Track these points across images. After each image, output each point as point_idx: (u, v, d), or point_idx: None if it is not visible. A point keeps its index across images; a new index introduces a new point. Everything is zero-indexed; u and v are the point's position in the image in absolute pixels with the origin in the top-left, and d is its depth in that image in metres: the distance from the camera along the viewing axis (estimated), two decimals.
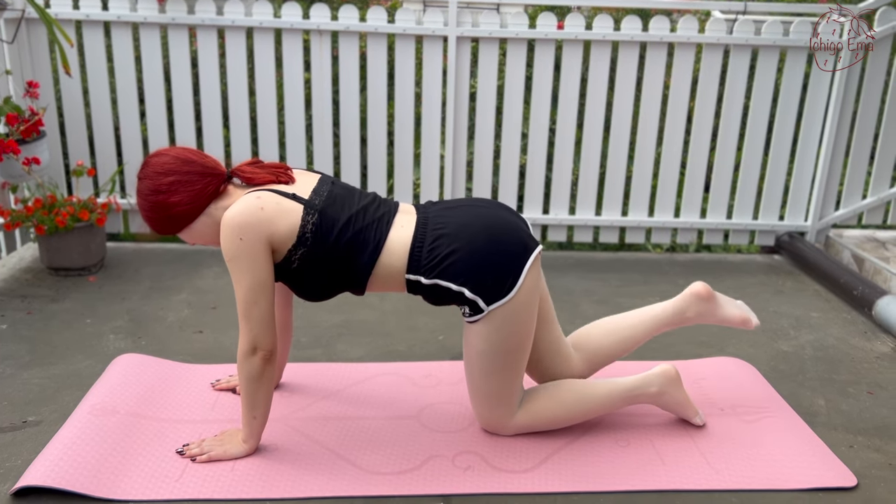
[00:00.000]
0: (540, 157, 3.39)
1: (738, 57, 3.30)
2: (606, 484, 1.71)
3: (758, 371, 2.29)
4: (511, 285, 1.69)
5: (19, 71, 3.13)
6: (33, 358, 2.27)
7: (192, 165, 1.71)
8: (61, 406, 1.99)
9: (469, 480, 1.71)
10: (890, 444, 1.93)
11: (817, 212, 3.49)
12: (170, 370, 2.17)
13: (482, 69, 3.26)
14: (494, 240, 1.70)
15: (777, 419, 1.99)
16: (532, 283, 1.72)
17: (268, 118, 3.31)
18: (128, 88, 3.24)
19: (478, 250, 1.69)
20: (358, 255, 1.71)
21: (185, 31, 3.19)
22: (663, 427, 1.94)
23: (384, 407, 2.02)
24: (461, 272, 1.68)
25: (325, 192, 1.74)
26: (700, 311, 1.97)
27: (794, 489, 1.71)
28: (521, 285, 1.70)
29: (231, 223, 1.63)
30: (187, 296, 2.80)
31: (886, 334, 2.63)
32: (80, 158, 3.28)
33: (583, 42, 3.25)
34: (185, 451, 1.76)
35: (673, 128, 3.38)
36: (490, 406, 1.82)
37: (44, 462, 1.66)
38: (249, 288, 1.64)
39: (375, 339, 2.47)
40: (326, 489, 1.66)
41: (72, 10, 3.12)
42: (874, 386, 2.25)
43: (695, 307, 1.97)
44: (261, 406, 1.72)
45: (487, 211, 1.78)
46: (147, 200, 1.71)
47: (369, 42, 3.23)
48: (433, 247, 1.71)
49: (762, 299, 2.95)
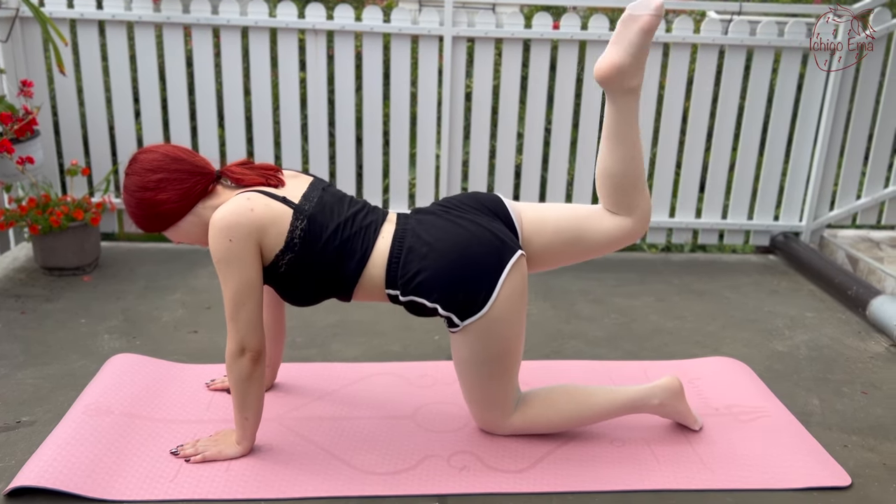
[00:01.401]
0: (535, 157, 3.39)
1: (733, 57, 3.30)
2: (602, 483, 1.71)
3: (753, 371, 2.30)
4: (485, 299, 1.65)
5: (13, 70, 3.12)
6: (27, 358, 2.26)
7: (181, 163, 1.69)
8: (55, 406, 1.99)
9: (464, 480, 1.70)
10: (884, 443, 1.94)
11: (812, 212, 3.50)
12: (164, 370, 2.16)
13: (478, 69, 3.26)
14: (466, 254, 1.66)
15: (772, 419, 2.00)
16: (513, 291, 1.67)
17: (263, 118, 3.30)
18: (122, 88, 3.23)
19: (448, 266, 1.65)
20: (345, 264, 1.69)
21: (180, 31, 3.18)
22: (659, 427, 1.94)
23: (379, 407, 2.02)
24: (433, 288, 1.66)
25: (315, 198, 1.72)
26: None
27: (788, 489, 1.71)
28: (497, 297, 1.66)
29: (220, 224, 1.61)
30: (182, 295, 2.79)
31: (880, 334, 2.64)
32: (75, 158, 3.27)
33: (578, 42, 3.26)
34: (179, 451, 1.76)
35: (668, 128, 3.38)
36: (482, 408, 1.82)
37: (38, 462, 1.66)
38: (237, 289, 1.62)
39: (370, 340, 2.47)
40: (321, 489, 1.66)
41: (66, 9, 3.11)
42: (868, 386, 2.26)
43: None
44: (252, 407, 1.71)
45: (464, 221, 1.72)
46: (134, 197, 1.69)
47: (365, 42, 3.23)
48: (406, 261, 1.68)
49: (757, 299, 2.95)
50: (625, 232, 1.79)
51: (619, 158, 1.74)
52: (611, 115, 1.73)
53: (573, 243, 1.80)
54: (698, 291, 3.03)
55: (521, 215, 1.81)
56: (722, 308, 2.85)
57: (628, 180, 1.75)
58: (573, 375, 2.23)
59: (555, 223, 1.79)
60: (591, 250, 1.81)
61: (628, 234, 1.80)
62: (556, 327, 2.62)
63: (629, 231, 1.80)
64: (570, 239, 1.79)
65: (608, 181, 1.77)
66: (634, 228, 1.80)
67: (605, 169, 1.77)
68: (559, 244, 1.79)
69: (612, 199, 1.78)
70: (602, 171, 1.78)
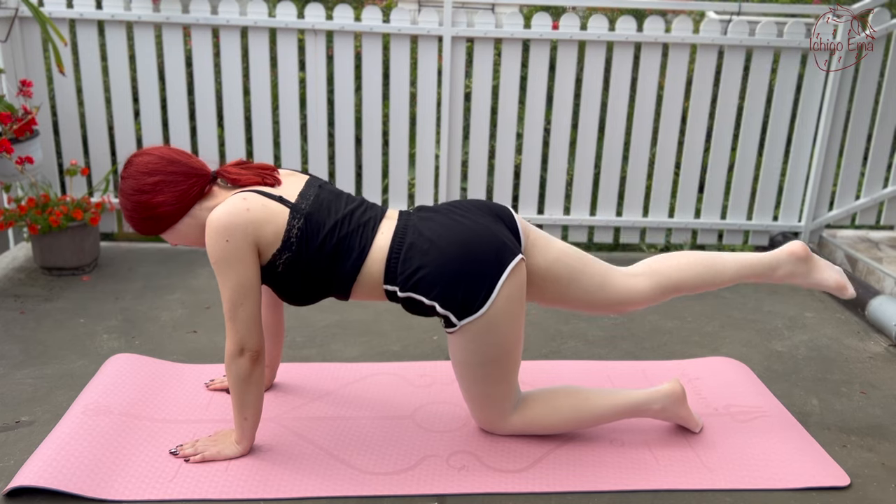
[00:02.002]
0: (535, 157, 3.39)
1: (732, 57, 3.31)
2: (601, 483, 1.71)
3: (752, 371, 2.30)
4: (484, 299, 1.65)
5: (13, 70, 3.12)
6: (26, 358, 2.26)
7: (177, 165, 1.69)
8: (54, 406, 1.99)
9: (463, 480, 1.71)
10: (882, 443, 1.94)
11: (811, 212, 3.50)
12: (163, 370, 2.16)
13: (477, 69, 3.26)
14: (467, 252, 1.65)
15: (771, 419, 2.00)
16: (512, 292, 1.67)
17: (262, 118, 3.30)
18: (122, 87, 3.23)
19: (449, 263, 1.64)
20: (342, 262, 1.69)
21: (180, 31, 3.18)
22: (658, 427, 1.95)
23: (379, 407, 2.02)
24: (433, 286, 1.65)
25: (311, 196, 1.72)
26: (792, 271, 1.88)
27: (787, 488, 1.71)
28: (496, 298, 1.65)
29: (217, 225, 1.61)
30: (181, 295, 2.79)
31: (879, 334, 2.64)
32: (74, 158, 3.27)
33: (577, 42, 3.26)
34: (178, 451, 1.76)
35: (667, 128, 3.38)
36: (480, 408, 1.82)
37: (37, 462, 1.66)
38: (235, 289, 1.62)
39: (370, 339, 2.47)
40: (321, 489, 1.66)
41: (65, 9, 3.11)
42: (867, 386, 2.26)
43: (788, 266, 1.88)
44: (251, 407, 1.71)
45: (467, 220, 1.72)
46: (130, 200, 1.68)
47: (364, 42, 3.23)
48: (406, 258, 1.67)
49: (756, 299, 2.95)
50: (631, 295, 1.83)
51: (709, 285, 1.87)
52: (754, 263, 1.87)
53: (572, 277, 1.80)
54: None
55: (529, 232, 1.82)
56: (721, 308, 2.85)
57: (691, 291, 1.88)
58: (572, 375, 2.23)
59: (562, 250, 1.82)
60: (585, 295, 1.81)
61: (634, 299, 1.83)
62: (555, 327, 2.62)
63: (637, 296, 1.83)
64: (571, 270, 1.80)
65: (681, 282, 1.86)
66: (642, 297, 1.84)
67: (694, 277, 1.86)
68: (559, 270, 1.79)
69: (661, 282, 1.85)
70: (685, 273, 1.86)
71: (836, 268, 1.92)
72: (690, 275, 1.86)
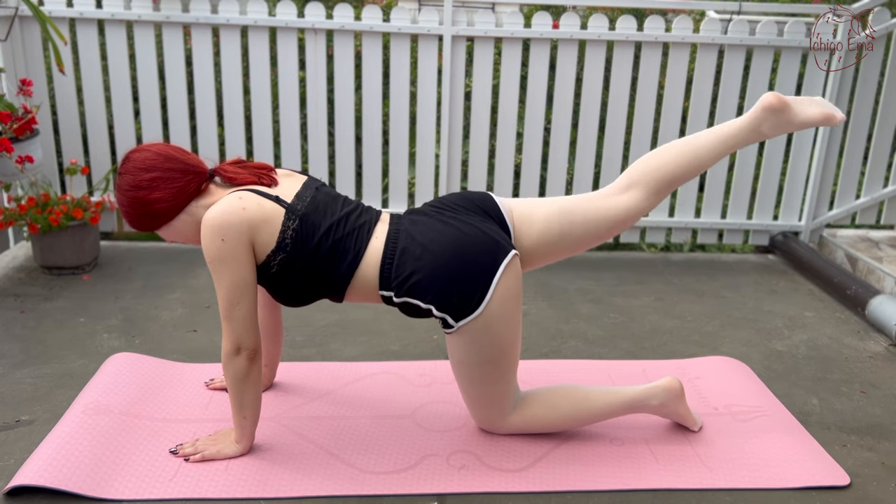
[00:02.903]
0: (535, 156, 3.39)
1: (732, 57, 3.31)
2: (601, 483, 1.71)
3: (751, 370, 2.30)
4: (480, 300, 1.65)
5: (13, 69, 3.11)
6: (26, 357, 2.26)
7: (174, 162, 1.69)
8: (54, 405, 1.99)
9: (463, 480, 1.71)
10: (882, 442, 1.94)
11: (811, 211, 3.50)
12: (163, 369, 2.16)
13: (477, 68, 3.26)
14: (460, 255, 1.65)
15: (771, 418, 2.00)
16: (507, 291, 1.67)
17: (262, 117, 3.30)
18: (122, 87, 3.23)
19: (442, 267, 1.64)
20: (337, 264, 1.69)
21: (180, 30, 3.18)
22: (658, 426, 1.95)
23: (378, 406, 2.02)
24: (427, 289, 1.65)
25: (308, 198, 1.72)
26: (775, 123, 1.80)
27: (787, 488, 1.71)
28: (492, 298, 1.65)
29: (212, 223, 1.60)
30: (181, 295, 2.79)
31: (879, 334, 2.64)
32: (74, 157, 3.27)
33: (578, 41, 3.26)
34: (178, 450, 1.76)
35: (667, 127, 3.38)
36: (479, 408, 1.82)
37: (37, 461, 1.66)
38: (230, 289, 1.62)
39: (370, 339, 2.47)
40: (321, 488, 1.66)
41: (65, 8, 3.10)
42: (867, 385, 2.26)
43: (770, 121, 1.80)
44: (250, 406, 1.71)
45: (456, 222, 1.71)
46: (126, 196, 1.68)
47: (364, 41, 3.23)
48: (400, 263, 1.67)
49: (756, 299, 2.95)
50: (630, 211, 1.79)
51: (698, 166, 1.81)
52: (735, 131, 1.79)
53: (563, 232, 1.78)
54: (697, 291, 3.03)
55: (512, 211, 1.80)
56: (721, 307, 2.85)
57: (685, 180, 1.82)
58: (572, 375, 2.23)
59: (545, 215, 1.79)
60: (585, 236, 1.78)
61: (634, 212, 1.79)
62: (555, 327, 2.62)
63: (635, 209, 1.79)
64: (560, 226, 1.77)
65: (667, 175, 1.79)
66: (641, 207, 1.80)
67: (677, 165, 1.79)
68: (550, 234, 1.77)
69: (649, 184, 1.79)
70: (665, 164, 1.79)
71: (817, 98, 1.84)
72: (674, 167, 1.81)
